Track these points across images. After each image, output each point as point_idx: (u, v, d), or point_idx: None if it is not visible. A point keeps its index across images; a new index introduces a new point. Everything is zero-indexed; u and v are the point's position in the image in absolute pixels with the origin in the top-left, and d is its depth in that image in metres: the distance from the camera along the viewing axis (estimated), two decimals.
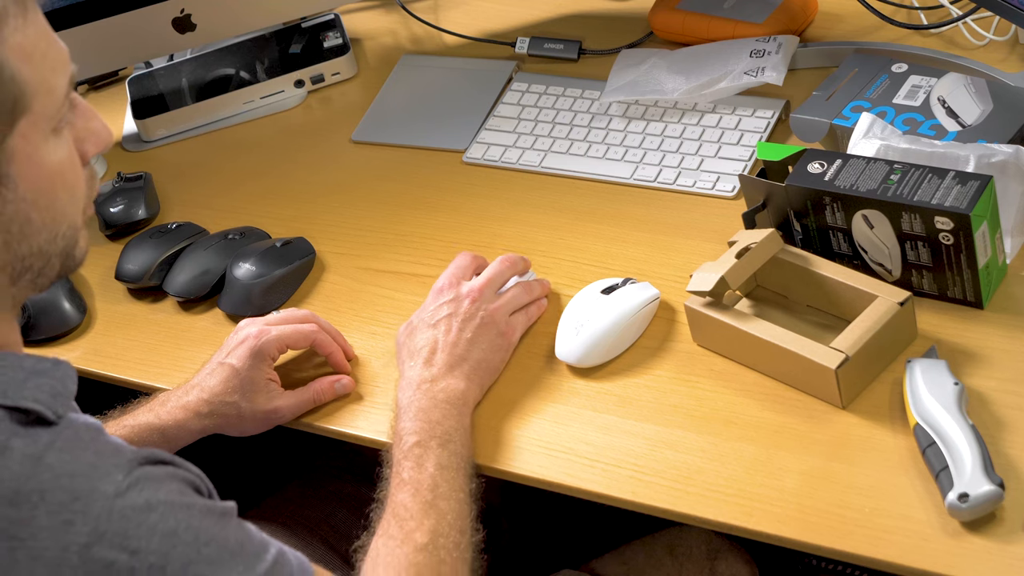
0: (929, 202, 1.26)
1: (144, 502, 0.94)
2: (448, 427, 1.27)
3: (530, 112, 1.66)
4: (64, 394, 0.99)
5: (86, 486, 0.94)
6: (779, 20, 1.64)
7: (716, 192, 1.51)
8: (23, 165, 0.99)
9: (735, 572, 1.42)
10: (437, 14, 1.87)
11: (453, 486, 1.23)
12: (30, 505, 0.93)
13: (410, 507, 1.20)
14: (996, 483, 1.13)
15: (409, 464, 1.23)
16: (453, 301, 1.36)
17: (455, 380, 1.31)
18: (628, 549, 1.43)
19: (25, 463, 0.94)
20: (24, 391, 0.97)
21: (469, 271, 1.40)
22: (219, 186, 1.70)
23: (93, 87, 1.90)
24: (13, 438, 0.94)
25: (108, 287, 1.59)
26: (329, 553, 1.45)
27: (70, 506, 0.93)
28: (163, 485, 0.96)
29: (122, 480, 0.95)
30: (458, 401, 1.30)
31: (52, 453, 0.95)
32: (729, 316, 1.31)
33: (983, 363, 1.26)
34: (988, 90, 1.44)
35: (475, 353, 1.33)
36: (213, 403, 1.35)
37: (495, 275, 1.39)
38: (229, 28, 1.78)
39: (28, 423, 0.96)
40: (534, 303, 1.40)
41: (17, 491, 0.93)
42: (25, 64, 0.98)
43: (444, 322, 1.34)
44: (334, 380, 1.39)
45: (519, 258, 1.42)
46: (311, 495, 1.53)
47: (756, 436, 1.26)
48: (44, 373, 0.99)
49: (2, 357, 0.99)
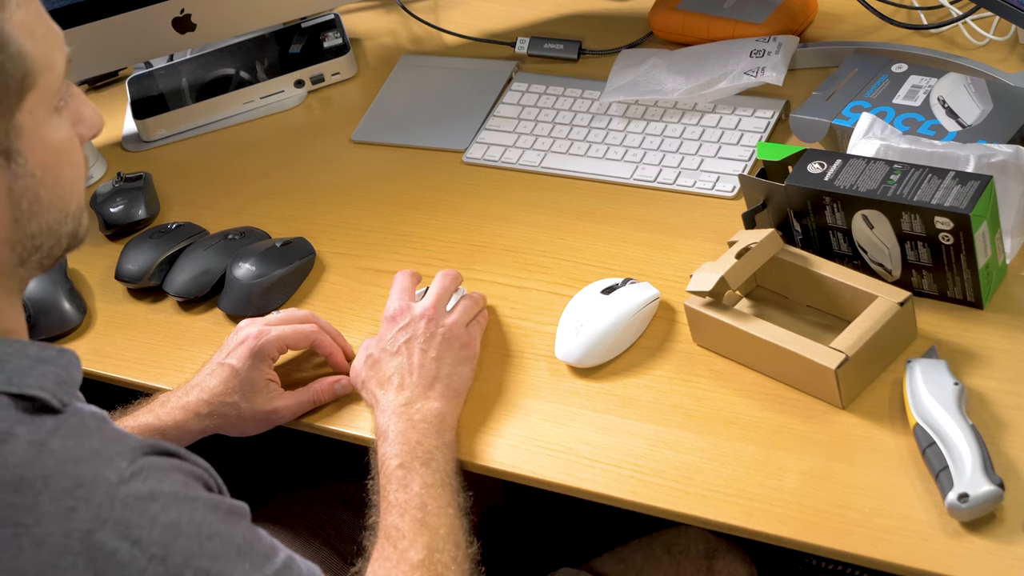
0: (929, 202, 1.26)
1: (147, 491, 0.94)
2: (428, 446, 1.27)
3: (530, 112, 1.66)
4: (69, 382, 0.99)
5: (89, 472, 0.93)
6: (779, 20, 1.64)
7: (716, 192, 1.51)
8: (31, 141, 1.00)
9: (733, 571, 1.42)
10: (437, 14, 1.87)
11: (441, 503, 1.23)
12: (34, 491, 0.92)
13: (401, 527, 1.20)
14: (996, 483, 1.13)
15: (394, 487, 1.23)
16: (408, 325, 1.36)
17: (430, 401, 1.31)
18: (626, 548, 1.43)
19: (29, 449, 0.93)
20: (29, 378, 0.96)
21: (412, 289, 1.41)
22: (219, 186, 1.70)
23: (93, 87, 1.90)
24: (17, 425, 0.94)
25: (108, 287, 1.59)
26: (331, 555, 1.45)
27: (73, 492, 0.92)
28: (167, 476, 0.96)
29: (126, 468, 0.94)
30: (435, 419, 1.29)
31: (56, 439, 0.94)
32: (729, 316, 1.31)
33: (983, 363, 1.26)
34: (988, 90, 1.44)
35: (444, 370, 1.33)
36: (213, 403, 1.35)
37: (441, 290, 1.39)
38: (229, 28, 1.78)
39: (33, 411, 0.95)
40: (481, 313, 1.41)
41: (21, 477, 0.92)
42: (29, 40, 0.99)
43: (405, 347, 1.34)
44: (334, 381, 1.39)
45: (456, 272, 1.42)
46: (314, 497, 1.52)
47: (756, 436, 1.26)
48: (50, 361, 0.99)
49: (8, 344, 0.99)
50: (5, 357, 0.97)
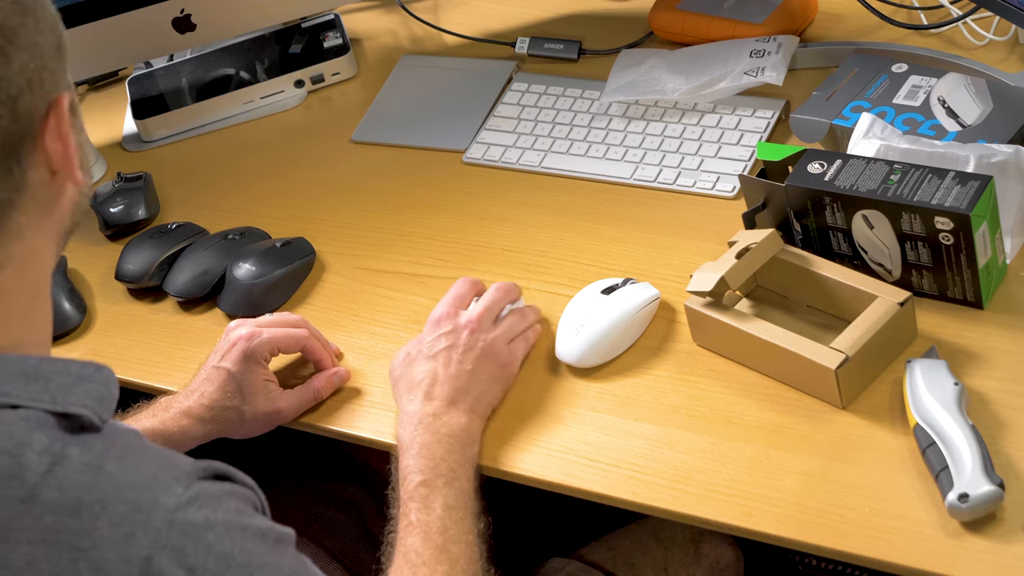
0: (929, 202, 1.26)
1: (203, 519, 0.92)
2: (452, 463, 1.25)
3: (530, 112, 1.66)
4: (108, 399, 0.97)
5: (147, 498, 0.92)
6: (779, 20, 1.64)
7: (716, 192, 1.51)
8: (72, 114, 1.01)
9: (719, 553, 1.42)
10: (437, 14, 1.87)
11: (462, 528, 1.22)
12: (92, 515, 0.90)
13: (422, 552, 1.19)
14: (996, 483, 1.13)
15: (416, 505, 1.22)
16: (452, 332, 1.34)
17: (457, 414, 1.29)
18: (613, 536, 1.44)
19: (85, 472, 0.91)
20: (72, 396, 0.95)
21: (468, 298, 1.39)
22: (219, 186, 1.70)
23: (93, 87, 1.90)
24: (68, 446, 0.92)
25: (108, 287, 1.59)
26: (319, 551, 1.44)
27: (132, 518, 0.91)
28: (221, 504, 0.94)
29: (182, 494, 0.93)
30: (462, 435, 1.28)
31: (111, 463, 0.93)
32: (729, 316, 1.31)
33: (983, 363, 1.26)
34: (988, 90, 1.44)
35: (477, 386, 1.31)
36: (214, 409, 1.34)
37: (491, 303, 1.37)
38: (229, 28, 1.78)
39: (75, 429, 0.94)
40: (530, 328, 1.39)
41: (79, 500, 0.90)
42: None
43: (443, 354, 1.32)
44: (331, 374, 1.39)
45: (512, 285, 1.40)
46: (299, 494, 1.52)
47: (756, 436, 1.26)
48: (90, 378, 0.97)
49: (50, 363, 0.97)
50: (49, 375, 0.95)
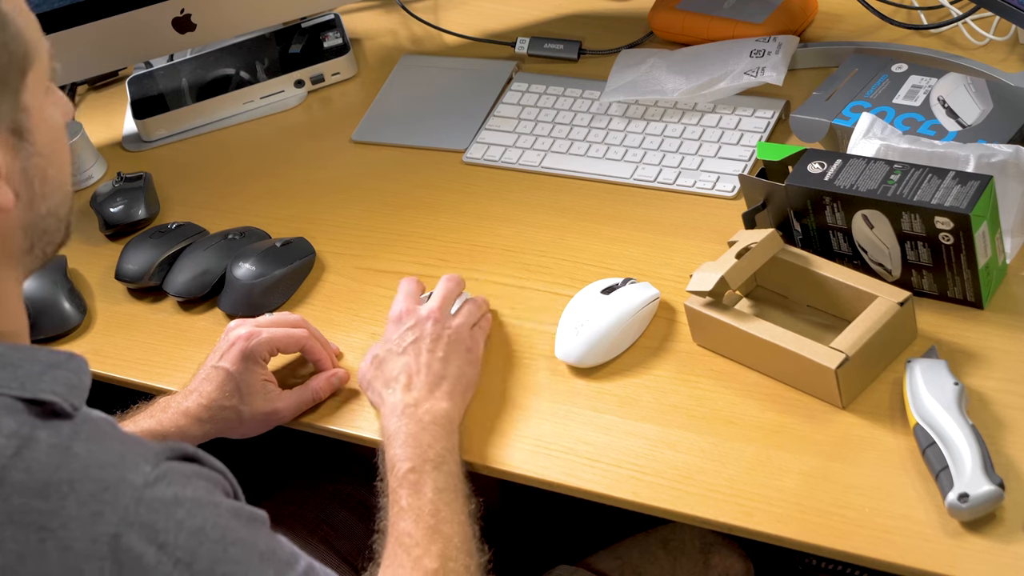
0: (929, 202, 1.26)
1: (172, 496, 0.93)
2: (439, 449, 1.26)
3: (530, 112, 1.66)
4: (80, 387, 0.98)
5: (115, 476, 0.92)
6: (779, 20, 1.64)
7: (716, 192, 1.51)
8: (36, 120, 1.01)
9: (728, 565, 1.42)
10: (437, 14, 1.87)
11: (454, 508, 1.22)
12: (59, 496, 0.91)
13: (414, 534, 1.19)
14: (996, 483, 1.13)
15: (406, 491, 1.23)
16: (416, 326, 1.36)
17: (438, 401, 1.30)
18: (622, 545, 1.44)
19: (53, 453, 0.92)
20: (41, 383, 0.96)
21: (417, 294, 1.41)
22: (219, 186, 1.70)
23: (93, 87, 1.90)
24: (37, 430, 0.93)
25: (108, 287, 1.59)
26: (329, 553, 1.44)
27: (99, 496, 0.92)
28: (190, 482, 0.95)
29: (150, 472, 0.93)
30: (444, 421, 1.29)
31: (79, 443, 0.93)
32: (729, 316, 1.31)
33: (983, 363, 1.26)
34: (988, 90, 1.44)
35: (451, 370, 1.33)
36: (212, 408, 1.35)
37: (447, 293, 1.39)
38: (229, 28, 1.78)
39: (46, 415, 0.95)
40: (484, 317, 1.41)
41: (47, 482, 0.92)
42: (22, 19, 1.00)
43: (412, 347, 1.34)
44: (330, 375, 1.39)
45: (459, 276, 1.42)
46: (310, 495, 1.52)
47: (756, 436, 1.26)
48: (60, 365, 0.98)
49: (18, 349, 0.98)
50: (17, 362, 0.97)
